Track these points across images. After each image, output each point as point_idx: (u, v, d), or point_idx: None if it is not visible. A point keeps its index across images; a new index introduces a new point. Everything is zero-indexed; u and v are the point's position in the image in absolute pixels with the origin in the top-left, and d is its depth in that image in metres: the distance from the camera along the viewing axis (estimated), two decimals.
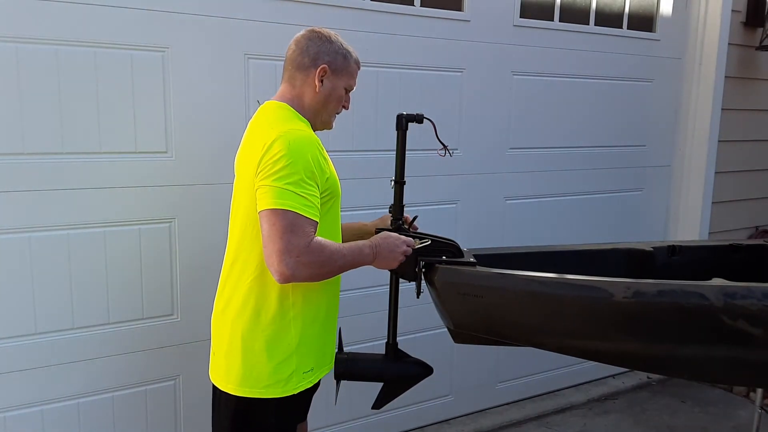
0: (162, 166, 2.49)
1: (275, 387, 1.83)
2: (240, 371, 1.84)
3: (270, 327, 1.82)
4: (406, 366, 2.06)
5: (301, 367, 1.86)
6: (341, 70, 1.91)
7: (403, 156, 2.02)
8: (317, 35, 1.90)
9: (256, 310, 1.82)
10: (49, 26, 2.24)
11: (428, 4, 3.09)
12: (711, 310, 1.70)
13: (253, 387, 1.84)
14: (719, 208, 4.19)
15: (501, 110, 3.39)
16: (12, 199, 2.24)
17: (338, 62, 1.90)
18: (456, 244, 2.03)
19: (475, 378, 3.55)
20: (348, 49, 1.94)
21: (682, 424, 3.64)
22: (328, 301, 1.94)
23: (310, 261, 1.69)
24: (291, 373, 1.84)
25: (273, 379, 1.83)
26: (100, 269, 2.42)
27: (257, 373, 1.83)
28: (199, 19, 2.50)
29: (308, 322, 1.86)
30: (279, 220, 1.67)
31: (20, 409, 2.34)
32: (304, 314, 1.85)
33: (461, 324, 1.97)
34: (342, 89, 1.93)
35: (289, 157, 1.70)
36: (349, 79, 1.94)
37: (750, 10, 4.07)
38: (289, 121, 1.83)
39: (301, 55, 1.89)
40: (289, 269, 1.67)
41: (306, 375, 1.87)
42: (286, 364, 1.83)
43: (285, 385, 1.83)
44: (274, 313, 1.82)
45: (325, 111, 1.93)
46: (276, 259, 1.67)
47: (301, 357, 1.85)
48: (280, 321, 1.82)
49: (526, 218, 3.58)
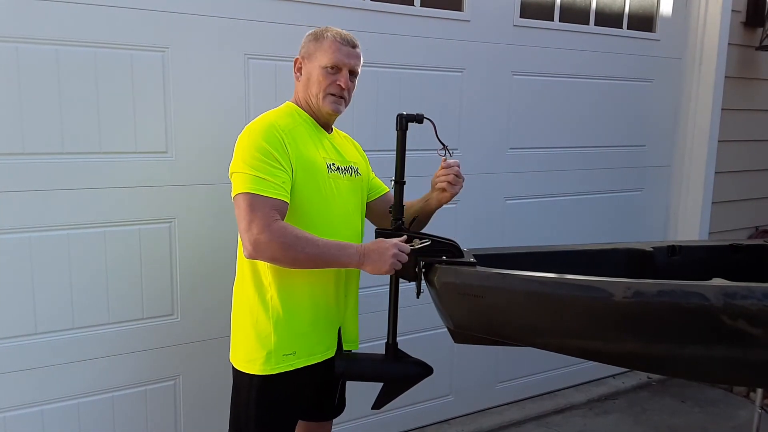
0: (162, 166, 2.49)
1: (254, 363, 1.92)
2: (232, 342, 2.02)
3: (250, 303, 1.93)
4: (406, 366, 2.05)
5: (281, 348, 1.91)
6: (313, 53, 1.96)
7: (403, 156, 2.01)
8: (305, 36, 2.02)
9: (241, 287, 1.97)
10: (49, 26, 2.24)
11: (428, 4, 3.09)
12: (711, 310, 1.70)
13: (239, 360, 1.97)
14: (719, 208, 4.18)
15: (501, 110, 3.39)
16: (12, 199, 2.24)
17: (310, 47, 1.97)
18: (456, 244, 2.02)
19: (475, 378, 3.55)
20: (324, 31, 1.97)
21: (682, 424, 3.64)
22: (313, 291, 1.95)
23: (269, 239, 1.76)
24: (269, 353, 1.90)
25: (253, 355, 1.92)
26: (100, 269, 2.42)
27: (243, 347, 1.96)
28: (199, 19, 2.50)
29: (289, 306, 1.92)
30: (240, 203, 1.79)
31: (20, 409, 2.34)
32: (283, 297, 1.91)
33: (461, 324, 1.96)
34: (317, 69, 1.94)
35: (244, 143, 1.85)
36: (323, 55, 1.94)
37: (750, 10, 4.07)
38: (268, 114, 1.96)
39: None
40: (251, 245, 1.78)
41: (286, 357, 1.91)
42: (265, 341, 1.91)
43: (264, 363, 1.90)
44: (254, 291, 1.92)
45: (311, 96, 1.97)
46: (243, 238, 1.81)
47: (280, 338, 1.91)
48: (259, 300, 1.92)
49: (526, 218, 3.58)
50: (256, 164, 1.80)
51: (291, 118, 1.96)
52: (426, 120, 1.99)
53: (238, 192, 1.81)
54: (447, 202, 2.13)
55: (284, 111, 2.00)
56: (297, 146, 1.89)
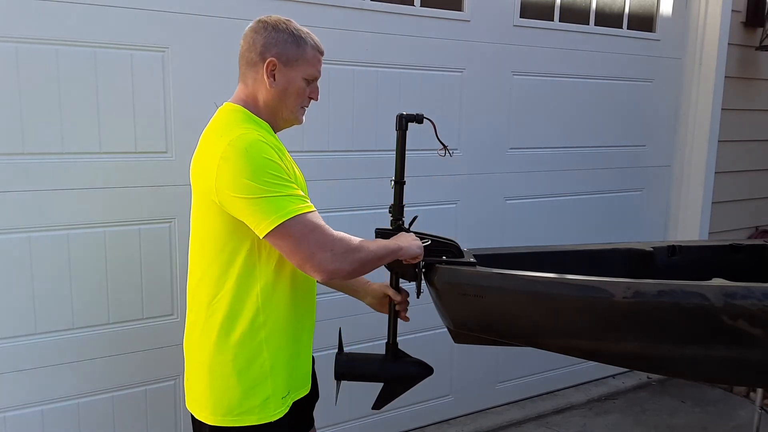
0: (162, 166, 2.49)
1: (249, 414, 1.69)
2: (211, 397, 1.70)
3: (239, 348, 1.68)
4: (406, 366, 2.05)
5: (279, 392, 1.72)
6: (295, 60, 1.71)
7: (403, 156, 2.01)
8: (263, 25, 1.72)
9: (224, 330, 1.68)
10: (49, 26, 2.24)
11: (428, 4, 3.09)
12: (711, 311, 1.70)
13: (226, 414, 1.69)
14: (719, 208, 4.18)
15: (501, 110, 3.39)
16: (12, 199, 2.24)
17: (290, 52, 1.70)
18: (456, 244, 2.02)
19: (475, 378, 3.55)
20: (301, 34, 1.73)
21: (682, 424, 3.64)
22: (300, 317, 1.80)
23: (345, 250, 1.61)
24: (266, 398, 1.70)
25: (246, 405, 1.69)
26: (100, 269, 2.42)
27: (229, 400, 1.69)
28: (199, 19, 2.50)
29: (282, 343, 1.73)
30: (291, 231, 1.55)
31: (20, 409, 2.34)
32: (277, 334, 1.71)
33: (461, 324, 1.96)
34: (300, 80, 1.72)
35: (250, 163, 1.56)
36: (307, 67, 1.73)
37: (750, 10, 4.07)
38: (238, 125, 1.67)
39: (249, 50, 1.72)
40: (329, 264, 1.58)
41: (284, 400, 1.74)
42: (261, 388, 1.69)
43: (261, 411, 1.69)
44: (243, 334, 1.67)
45: (285, 108, 1.74)
46: (311, 264, 1.58)
47: (276, 381, 1.72)
48: (249, 342, 1.68)
49: (526, 218, 3.58)
50: (274, 182, 1.57)
51: (265, 131, 1.72)
52: (426, 120, 1.98)
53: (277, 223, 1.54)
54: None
55: (252, 121, 1.72)
56: (294, 168, 1.74)
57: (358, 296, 2.07)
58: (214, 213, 1.64)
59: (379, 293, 2.02)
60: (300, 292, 1.79)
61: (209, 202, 1.63)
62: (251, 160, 1.56)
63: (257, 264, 1.67)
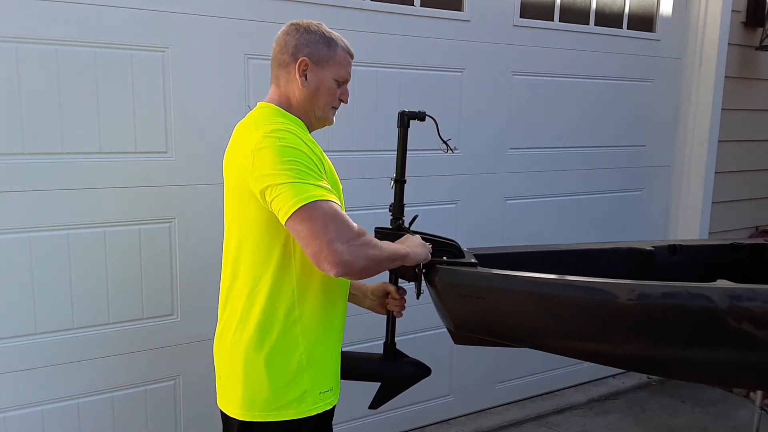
0: (162, 166, 2.49)
1: (287, 408, 1.68)
2: (246, 392, 1.70)
3: (276, 342, 1.68)
4: (404, 366, 2.05)
5: (316, 386, 1.71)
6: (326, 60, 1.75)
7: (404, 154, 2.00)
8: (295, 28, 1.77)
9: (261, 324, 1.68)
10: (49, 26, 2.23)
11: (428, 4, 3.09)
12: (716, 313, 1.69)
13: (264, 409, 1.69)
14: (719, 208, 4.18)
15: (501, 110, 3.39)
16: (12, 199, 2.24)
17: (321, 52, 1.75)
18: (457, 244, 2.02)
19: (475, 378, 3.55)
20: (332, 36, 1.78)
21: (682, 424, 3.64)
22: (341, 315, 1.82)
23: (362, 243, 1.55)
24: (304, 392, 1.69)
25: (284, 399, 1.68)
26: (100, 269, 2.42)
27: (266, 394, 1.69)
28: (199, 19, 2.49)
29: (320, 338, 1.73)
30: (312, 215, 1.51)
31: (20, 409, 2.34)
32: (313, 328, 1.71)
33: (462, 325, 1.96)
34: (332, 81, 1.77)
35: (284, 152, 1.57)
36: (338, 69, 1.77)
37: (750, 10, 4.06)
38: (273, 119, 1.70)
39: (281, 52, 1.76)
40: (346, 254, 1.50)
41: (324, 396, 1.73)
42: (297, 382, 1.69)
43: (299, 405, 1.69)
44: (280, 327, 1.68)
45: (317, 107, 1.78)
46: (327, 252, 1.49)
47: (313, 374, 1.71)
48: (285, 336, 1.68)
49: (526, 218, 3.58)
50: (305, 170, 1.57)
51: (299, 127, 1.74)
52: (428, 117, 1.97)
53: (299, 205, 1.52)
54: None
55: (286, 117, 1.75)
56: (328, 166, 1.75)
57: (357, 300, 2.06)
58: (250, 205, 1.65)
59: (379, 292, 2.02)
60: (334, 289, 1.78)
61: (246, 194, 1.64)
62: (283, 149, 1.58)
63: (293, 257, 1.68)
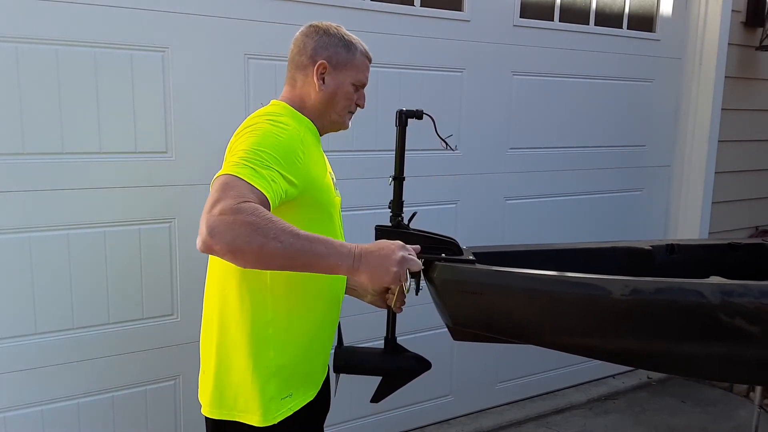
0: (162, 166, 2.50)
1: (251, 413, 1.63)
2: (215, 391, 1.67)
3: (246, 343, 1.62)
4: (405, 360, 2.05)
5: (280, 392, 1.66)
6: (344, 64, 1.72)
7: (402, 152, 2.00)
8: (314, 29, 1.75)
9: (232, 324, 1.63)
10: (49, 26, 2.24)
11: (428, 4, 3.10)
12: (708, 308, 1.70)
13: (231, 409, 1.65)
14: (719, 208, 4.19)
15: (501, 110, 3.40)
16: (12, 199, 2.25)
17: (340, 55, 1.72)
18: (455, 242, 2.02)
19: (475, 378, 3.55)
20: (351, 40, 1.75)
21: (682, 424, 3.64)
22: (322, 316, 1.75)
23: (235, 219, 1.31)
24: (270, 399, 1.63)
25: (250, 404, 1.63)
26: (100, 269, 2.42)
27: (233, 394, 1.65)
28: (198, 19, 2.50)
29: (294, 341, 1.67)
30: (216, 184, 1.39)
31: (20, 409, 2.34)
32: (284, 332, 1.65)
33: (460, 321, 1.96)
34: (349, 85, 1.73)
35: (263, 135, 1.51)
36: (357, 73, 1.74)
37: (750, 10, 4.07)
38: (277, 113, 1.66)
39: (299, 54, 1.73)
40: (208, 227, 1.31)
41: (284, 401, 1.67)
42: (265, 388, 1.63)
43: (265, 412, 1.63)
44: (250, 329, 1.62)
45: (333, 111, 1.74)
46: (201, 223, 1.34)
47: (279, 380, 1.65)
48: (256, 338, 1.62)
49: (526, 218, 3.58)
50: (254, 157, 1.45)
51: (300, 124, 1.69)
52: (426, 116, 1.98)
53: (217, 175, 1.42)
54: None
55: (292, 115, 1.71)
56: (314, 164, 1.66)
57: (357, 295, 2.06)
58: None
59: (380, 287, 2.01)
60: (315, 290, 1.72)
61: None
62: (266, 133, 1.53)
63: None
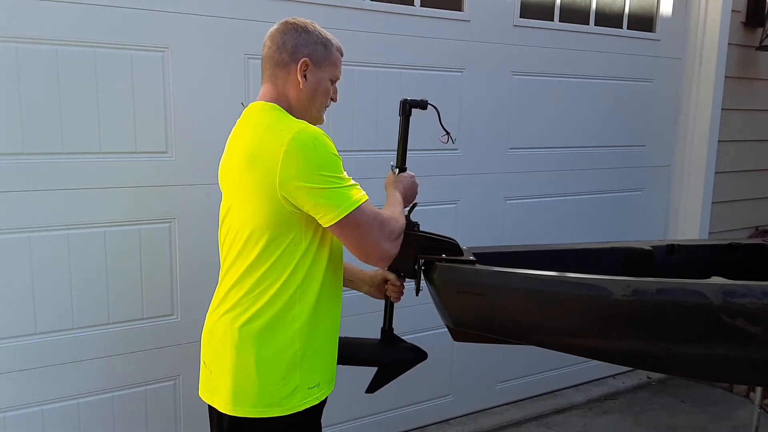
0: (162, 166, 2.49)
1: (277, 405, 1.69)
2: (237, 388, 1.71)
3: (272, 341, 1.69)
4: (401, 351, 2.05)
5: (306, 382, 1.72)
6: (323, 61, 1.78)
7: (405, 142, 2.00)
8: (292, 27, 1.78)
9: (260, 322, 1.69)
10: (49, 26, 2.24)
11: (428, 4, 3.09)
12: (710, 309, 1.70)
13: (255, 406, 1.70)
14: (719, 208, 4.18)
15: (501, 110, 3.40)
16: (12, 199, 2.25)
17: (319, 53, 1.77)
18: (455, 242, 2.03)
19: (475, 378, 3.55)
20: (327, 36, 1.81)
21: (682, 424, 3.64)
22: (334, 311, 1.83)
23: (392, 229, 1.73)
24: (294, 389, 1.70)
25: (275, 396, 1.69)
26: (100, 269, 2.42)
27: (259, 390, 1.69)
28: (199, 19, 2.50)
29: (317, 334, 1.74)
30: (359, 221, 1.65)
31: (20, 409, 2.34)
32: (311, 326, 1.72)
33: (460, 322, 1.97)
34: (327, 81, 1.80)
35: (318, 155, 1.62)
36: (333, 69, 1.81)
37: (750, 10, 4.07)
38: (292, 120, 1.70)
39: (279, 51, 1.76)
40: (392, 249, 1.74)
41: (311, 391, 1.74)
42: (289, 379, 1.70)
43: (289, 401, 1.70)
44: (279, 326, 1.69)
45: (313, 107, 1.80)
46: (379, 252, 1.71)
47: (304, 371, 1.72)
48: (283, 334, 1.69)
49: (526, 218, 3.58)
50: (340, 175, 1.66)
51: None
52: (430, 106, 1.97)
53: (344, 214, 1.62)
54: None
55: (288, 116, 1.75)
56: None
57: (354, 286, 2.07)
58: (266, 204, 1.64)
59: (378, 279, 2.04)
60: (332, 288, 1.81)
61: (265, 194, 1.63)
62: (318, 152, 1.63)
63: (300, 256, 1.69)
